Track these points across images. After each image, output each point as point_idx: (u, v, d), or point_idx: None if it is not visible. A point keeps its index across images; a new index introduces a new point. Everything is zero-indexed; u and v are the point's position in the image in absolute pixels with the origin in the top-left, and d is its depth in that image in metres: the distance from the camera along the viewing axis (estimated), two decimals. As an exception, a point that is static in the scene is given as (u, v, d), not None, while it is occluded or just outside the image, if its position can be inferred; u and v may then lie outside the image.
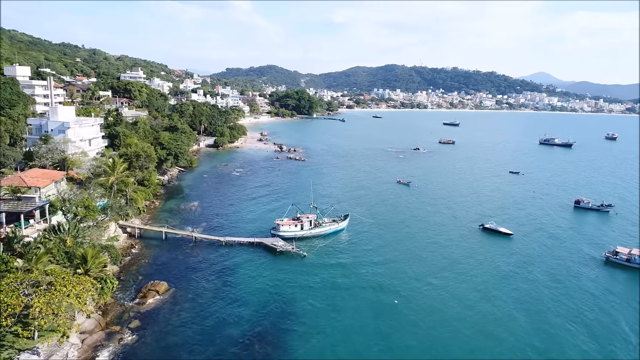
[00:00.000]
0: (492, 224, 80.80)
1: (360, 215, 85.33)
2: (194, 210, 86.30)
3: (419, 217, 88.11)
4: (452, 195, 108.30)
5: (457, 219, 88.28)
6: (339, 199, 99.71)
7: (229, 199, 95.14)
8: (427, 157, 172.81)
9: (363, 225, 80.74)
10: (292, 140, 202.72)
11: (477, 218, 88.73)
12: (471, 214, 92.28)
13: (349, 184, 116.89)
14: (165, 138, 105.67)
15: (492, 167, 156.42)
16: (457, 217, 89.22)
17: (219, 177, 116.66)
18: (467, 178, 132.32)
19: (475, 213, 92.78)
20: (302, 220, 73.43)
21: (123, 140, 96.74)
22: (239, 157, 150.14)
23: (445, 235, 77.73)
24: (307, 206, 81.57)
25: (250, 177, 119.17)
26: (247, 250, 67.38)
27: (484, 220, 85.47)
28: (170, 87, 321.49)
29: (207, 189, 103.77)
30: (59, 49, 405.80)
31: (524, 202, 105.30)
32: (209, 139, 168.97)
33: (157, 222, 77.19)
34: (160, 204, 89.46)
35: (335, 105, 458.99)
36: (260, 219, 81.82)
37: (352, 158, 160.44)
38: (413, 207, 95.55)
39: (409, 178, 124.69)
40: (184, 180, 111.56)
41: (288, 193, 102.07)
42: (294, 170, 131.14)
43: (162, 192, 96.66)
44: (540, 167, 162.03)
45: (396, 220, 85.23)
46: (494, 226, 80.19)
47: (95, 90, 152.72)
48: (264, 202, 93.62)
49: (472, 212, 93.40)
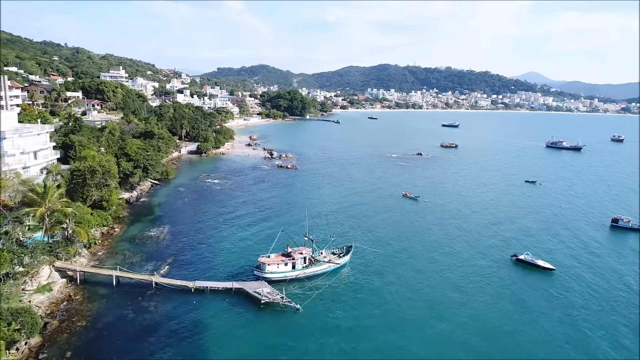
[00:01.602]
0: (528, 256, 66.04)
1: (365, 244, 70.09)
2: (161, 238, 70.45)
3: (437, 246, 73.02)
4: (468, 213, 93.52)
5: (480, 246, 73.40)
6: (336, 219, 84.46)
7: (206, 222, 79.36)
8: (430, 163, 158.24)
9: (370, 259, 65.52)
10: (283, 144, 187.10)
11: (504, 244, 74.06)
12: (496, 238, 77.48)
13: (347, 198, 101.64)
14: (133, 148, 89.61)
15: (503, 175, 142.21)
16: (480, 244, 74.33)
17: (198, 192, 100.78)
18: (479, 189, 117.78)
19: (500, 237, 78.02)
20: (294, 256, 58.06)
21: (79, 151, 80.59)
22: (224, 166, 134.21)
23: (474, 273, 62.66)
24: (299, 234, 66.37)
25: (234, 191, 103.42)
26: (223, 300, 51.84)
27: (515, 249, 70.89)
28: (156, 87, 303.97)
29: (182, 208, 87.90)
30: (40, 47, 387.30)
31: (551, 220, 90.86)
32: (191, 144, 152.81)
33: (112, 257, 61.44)
34: (121, 229, 73.46)
35: (329, 106, 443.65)
36: (242, 251, 66.26)
37: (349, 165, 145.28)
38: (426, 231, 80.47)
39: (416, 190, 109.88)
40: (157, 196, 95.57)
41: (277, 213, 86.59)
42: (284, 182, 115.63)
43: (127, 214, 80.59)
44: (555, 174, 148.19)
45: (410, 251, 70.08)
46: (531, 258, 65.46)
47: (61, 90, 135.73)
48: (248, 225, 77.98)
49: (496, 236, 78.66)
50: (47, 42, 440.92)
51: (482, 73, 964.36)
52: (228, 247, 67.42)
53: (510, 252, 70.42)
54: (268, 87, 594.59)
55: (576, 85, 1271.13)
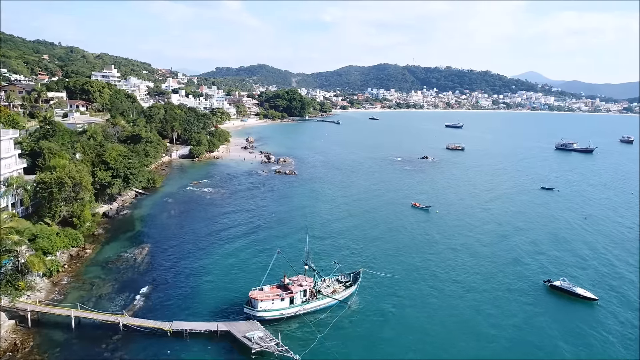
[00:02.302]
0: (565, 282, 56.75)
1: (374, 267, 60.71)
2: (139, 261, 60.99)
3: (455, 266, 63.67)
4: (485, 226, 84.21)
5: (505, 267, 64.06)
6: (340, 236, 75.09)
7: (192, 240, 69.87)
8: (437, 167, 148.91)
9: (382, 286, 56.13)
10: (281, 147, 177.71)
11: (533, 265, 64.82)
12: (521, 257, 68.14)
13: (351, 210, 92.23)
14: (113, 155, 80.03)
15: (517, 180, 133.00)
16: (504, 265, 64.99)
17: (187, 203, 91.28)
18: (493, 197, 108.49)
19: (526, 255, 68.72)
20: (292, 289, 48.63)
21: (48, 160, 71.09)
22: (217, 172, 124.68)
23: (503, 303, 53.33)
24: (298, 258, 57.08)
25: (226, 201, 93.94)
26: (205, 346, 42.47)
27: (547, 272, 61.78)
28: (151, 87, 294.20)
29: (167, 223, 78.40)
30: (33, 46, 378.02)
31: (577, 234, 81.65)
32: (183, 148, 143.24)
33: (78, 289, 52.07)
34: (94, 250, 63.98)
35: (328, 106, 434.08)
36: (231, 279, 56.83)
37: (352, 171, 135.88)
38: (442, 248, 71.07)
39: (425, 199, 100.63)
40: (140, 208, 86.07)
41: (273, 229, 77.10)
42: (282, 190, 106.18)
43: (102, 231, 71.02)
44: (571, 179, 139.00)
45: (426, 273, 60.71)
46: (568, 286, 56.17)
47: (42, 91, 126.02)
48: (240, 245, 68.48)
49: (520, 253, 69.35)
50: (40, 41, 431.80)
51: (483, 72, 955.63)
52: (215, 274, 57.89)
53: (540, 274, 61.44)
54: (266, 87, 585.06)
55: (576, 84, 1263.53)
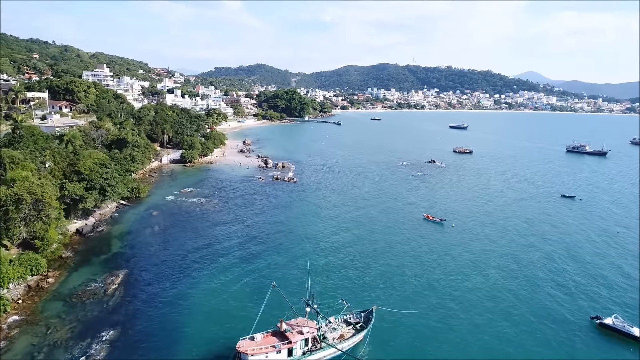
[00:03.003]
0: (618, 320, 47.41)
1: (389, 301, 51.20)
2: (109, 294, 51.46)
3: (484, 294, 54.25)
4: (510, 243, 74.81)
5: (542, 298, 54.62)
6: (346, 262, 65.65)
7: (174, 265, 60.33)
8: (446, 173, 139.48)
9: (398, 325, 46.73)
10: (280, 150, 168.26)
11: (574, 294, 55.44)
12: (557, 284, 58.72)
13: (358, 225, 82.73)
14: (88, 163, 70.48)
15: (533, 187, 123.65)
16: (540, 294, 55.54)
17: (174, 216, 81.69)
18: (512, 207, 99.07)
19: (564, 283, 59.30)
20: (291, 337, 39.22)
21: (10, 170, 61.55)
22: (210, 178, 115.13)
23: (546, 345, 43.96)
24: (296, 290, 47.79)
25: (217, 214, 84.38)
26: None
27: (592, 305, 52.46)
28: (145, 87, 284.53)
29: (149, 242, 68.84)
30: (26, 44, 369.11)
31: (617, 256, 72.15)
32: (174, 152, 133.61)
33: (29, 334, 42.70)
34: (58, 279, 54.46)
35: (328, 106, 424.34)
36: (216, 320, 47.25)
37: (356, 177, 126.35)
38: (467, 271, 61.54)
39: (438, 210, 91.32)
40: (120, 222, 76.53)
41: (268, 251, 67.52)
42: (280, 201, 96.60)
43: (71, 254, 61.47)
44: (590, 186, 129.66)
45: (450, 305, 51.27)
46: (621, 325, 46.86)
47: (19, 91, 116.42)
48: (228, 274, 58.77)
49: (556, 280, 59.93)
50: (34, 39, 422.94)
51: (484, 72, 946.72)
52: (198, 312, 48.28)
53: (583, 306, 52.27)
54: (265, 87, 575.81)
55: (576, 84, 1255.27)
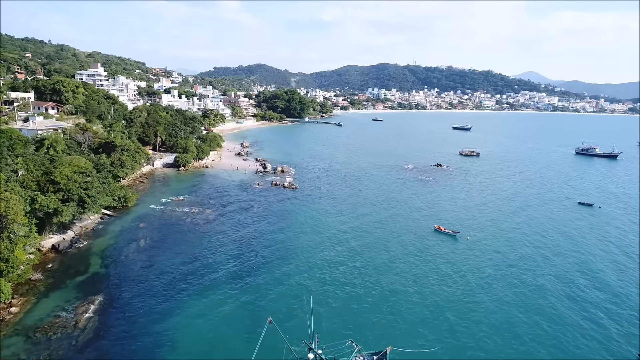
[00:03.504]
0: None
1: (405, 341, 44.17)
2: (81, 326, 44.37)
3: (511, 327, 47.28)
4: (532, 262, 67.83)
5: (577, 326, 47.74)
6: (353, 287, 58.70)
7: (159, 289, 53.21)
8: (454, 177, 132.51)
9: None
10: (279, 153, 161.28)
11: (615, 320, 48.52)
12: (596, 310, 51.83)
13: (362, 238, 75.71)
14: (65, 172, 63.41)
15: (546, 192, 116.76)
16: (574, 322, 48.67)
17: (162, 229, 74.60)
18: (528, 216, 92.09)
19: (600, 309, 52.41)
20: (291, 393, 32.27)
21: (-27, 181, 54.49)
22: (205, 184, 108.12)
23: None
24: (296, 326, 40.76)
25: (210, 225, 77.30)
26: None
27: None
28: (142, 87, 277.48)
29: (132, 259, 61.76)
30: (20, 44, 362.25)
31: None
32: (167, 156, 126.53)
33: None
34: (24, 307, 47.46)
35: (329, 107, 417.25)
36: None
37: (359, 182, 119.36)
38: (491, 296, 54.59)
39: (449, 220, 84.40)
40: (104, 236, 69.49)
41: (264, 274, 60.39)
42: (278, 211, 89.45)
43: (41, 277, 54.46)
44: (606, 192, 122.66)
45: (472, 341, 44.32)
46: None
47: (3, 91, 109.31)
48: (219, 299, 51.70)
49: (597, 312, 53.02)
50: (29, 38, 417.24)
51: (484, 72, 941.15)
52: (180, 352, 41.33)
53: (631, 339, 45.17)
54: (265, 87, 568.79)
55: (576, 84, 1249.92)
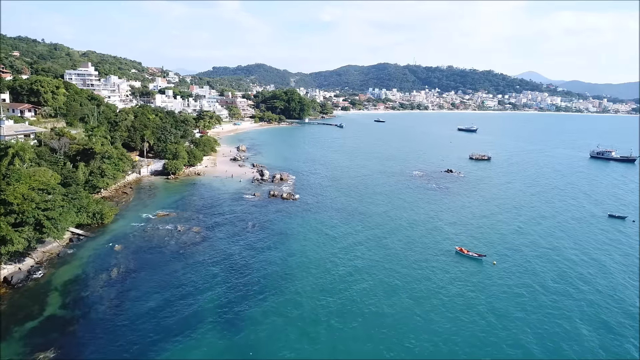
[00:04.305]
0: None
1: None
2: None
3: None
4: (574, 291, 57.55)
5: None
6: (367, 327, 48.26)
7: (127, 339, 42.78)
8: (467, 185, 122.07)
9: None
10: (278, 158, 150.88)
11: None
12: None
13: (373, 263, 65.18)
14: (19, 190, 52.85)
15: (570, 202, 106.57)
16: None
17: (142, 252, 64.05)
18: (558, 233, 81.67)
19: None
20: None
21: None
22: (195, 195, 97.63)
23: None
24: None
25: (197, 247, 66.77)
26: None
27: None
28: (135, 87, 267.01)
29: (100, 296, 51.16)
30: (12, 42, 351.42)
31: None
32: (156, 162, 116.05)
33: None
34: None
35: (329, 107, 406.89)
36: None
37: (365, 192, 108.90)
38: (533, 337, 44.23)
39: (470, 238, 74.03)
40: (71, 262, 58.95)
41: (259, 310, 49.95)
42: (276, 228, 78.89)
43: (-19, 322, 44.07)
44: (634, 201, 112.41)
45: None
46: None
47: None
48: (201, 351, 41.53)
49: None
50: (22, 37, 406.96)
51: (486, 72, 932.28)
52: None
53: None
54: (264, 87, 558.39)
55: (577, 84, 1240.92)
